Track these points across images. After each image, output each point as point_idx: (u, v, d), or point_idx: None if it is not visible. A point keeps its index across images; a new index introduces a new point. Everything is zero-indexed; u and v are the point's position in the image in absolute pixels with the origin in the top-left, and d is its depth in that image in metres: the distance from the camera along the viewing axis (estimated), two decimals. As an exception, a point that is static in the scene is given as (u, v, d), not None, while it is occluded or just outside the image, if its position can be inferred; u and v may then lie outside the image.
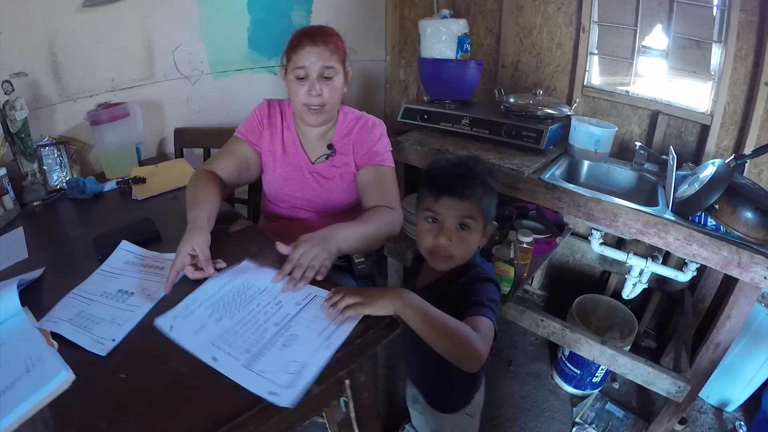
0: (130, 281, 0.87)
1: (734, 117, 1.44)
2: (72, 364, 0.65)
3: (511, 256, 1.42)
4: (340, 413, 0.79)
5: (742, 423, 1.50)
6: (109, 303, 0.81)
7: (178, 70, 1.60)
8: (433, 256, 0.88)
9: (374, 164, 1.15)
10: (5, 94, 1.17)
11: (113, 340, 0.71)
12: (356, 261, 1.13)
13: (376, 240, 1.06)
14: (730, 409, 1.60)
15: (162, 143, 1.67)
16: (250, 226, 1.07)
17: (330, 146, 1.17)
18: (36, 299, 0.81)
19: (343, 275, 1.18)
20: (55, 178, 1.32)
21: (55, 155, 1.31)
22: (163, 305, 0.79)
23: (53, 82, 1.35)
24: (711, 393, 1.62)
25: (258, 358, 0.68)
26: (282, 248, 0.86)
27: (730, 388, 1.57)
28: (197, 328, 0.74)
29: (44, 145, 1.28)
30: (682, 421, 1.52)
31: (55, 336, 0.72)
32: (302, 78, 1.06)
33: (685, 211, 1.20)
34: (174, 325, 0.75)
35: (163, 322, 0.75)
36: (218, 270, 0.86)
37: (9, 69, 1.24)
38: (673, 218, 1.19)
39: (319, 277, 0.83)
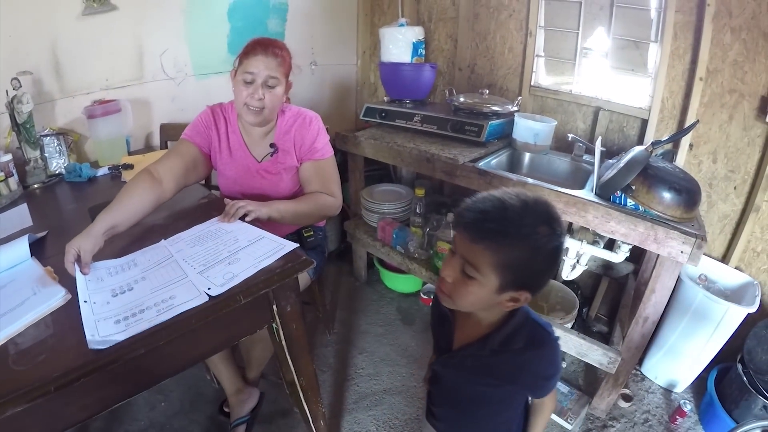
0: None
1: (673, 111, 1.68)
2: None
3: (451, 237, 1.67)
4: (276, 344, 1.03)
5: (687, 401, 1.65)
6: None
7: (165, 72, 1.90)
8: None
9: (314, 159, 1.40)
10: (13, 89, 1.45)
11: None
12: (305, 235, 1.45)
13: (308, 217, 1.36)
14: (679, 390, 1.76)
15: (149, 137, 1.96)
16: (216, 198, 1.35)
17: (272, 145, 1.40)
18: (40, 252, 1.08)
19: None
20: (55, 164, 1.60)
21: (55, 144, 1.59)
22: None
23: (55, 80, 1.64)
24: (659, 374, 1.79)
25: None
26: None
27: (676, 369, 1.73)
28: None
29: (46, 135, 1.57)
30: (628, 399, 1.70)
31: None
32: (249, 82, 1.27)
33: (606, 192, 1.41)
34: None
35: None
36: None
37: (17, 68, 1.51)
38: (593, 199, 1.41)
39: (248, 218, 1.15)
